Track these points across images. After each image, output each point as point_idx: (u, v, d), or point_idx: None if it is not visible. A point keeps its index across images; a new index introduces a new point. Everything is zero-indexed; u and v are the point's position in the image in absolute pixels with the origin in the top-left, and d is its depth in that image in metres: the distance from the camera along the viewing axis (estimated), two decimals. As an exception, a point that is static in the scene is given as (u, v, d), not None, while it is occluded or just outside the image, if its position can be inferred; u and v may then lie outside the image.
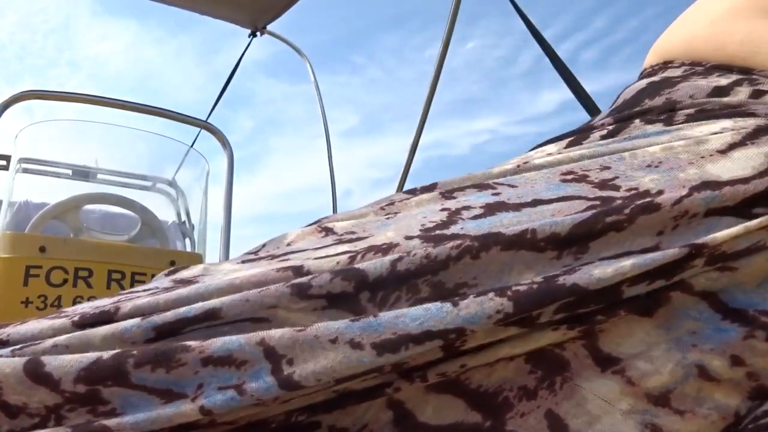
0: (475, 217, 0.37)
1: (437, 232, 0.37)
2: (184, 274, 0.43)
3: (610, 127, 0.44)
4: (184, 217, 2.29)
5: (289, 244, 0.43)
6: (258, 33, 2.74)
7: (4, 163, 2.19)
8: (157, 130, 2.13)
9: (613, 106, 0.49)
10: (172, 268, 0.45)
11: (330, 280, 0.33)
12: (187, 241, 2.21)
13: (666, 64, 0.47)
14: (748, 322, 0.32)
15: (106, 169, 2.13)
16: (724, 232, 0.32)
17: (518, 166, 0.42)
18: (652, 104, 0.44)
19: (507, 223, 0.36)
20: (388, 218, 0.41)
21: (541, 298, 0.31)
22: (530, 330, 0.32)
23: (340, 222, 0.44)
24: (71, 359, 0.31)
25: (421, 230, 0.37)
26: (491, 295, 0.31)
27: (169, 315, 0.33)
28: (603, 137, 0.43)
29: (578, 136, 0.45)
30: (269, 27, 2.71)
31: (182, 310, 0.33)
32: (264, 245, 0.46)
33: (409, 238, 0.36)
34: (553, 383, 0.34)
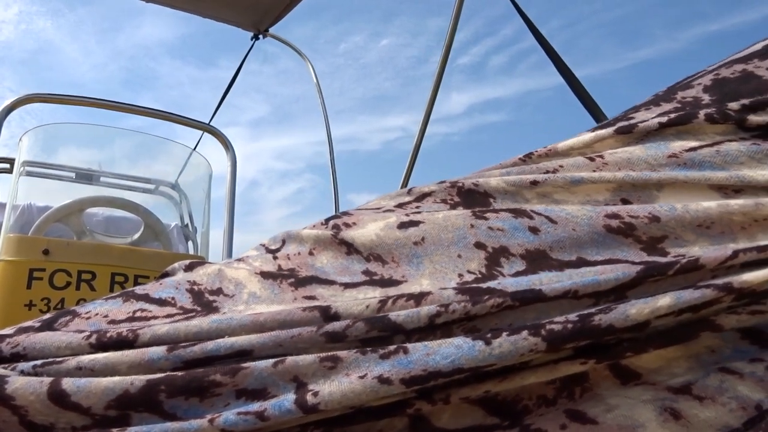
0: (516, 274, 0.38)
1: (474, 285, 0.37)
2: (202, 277, 0.43)
3: (672, 116, 0.42)
4: (186, 220, 2.29)
5: (311, 253, 0.43)
6: (260, 36, 2.75)
7: (7, 166, 2.19)
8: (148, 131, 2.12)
9: None
10: (187, 263, 0.45)
11: (366, 331, 0.34)
12: (190, 244, 2.21)
13: None
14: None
15: (110, 172, 2.13)
16: (757, 273, 0.32)
17: (560, 165, 0.42)
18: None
19: (546, 281, 0.36)
20: (416, 245, 0.41)
21: (575, 337, 0.32)
22: (557, 360, 0.33)
23: (360, 232, 0.43)
24: (98, 387, 0.32)
25: (458, 284, 0.38)
26: (525, 334, 0.32)
27: (197, 350, 0.34)
28: (662, 125, 0.42)
29: (634, 128, 0.43)
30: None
31: (210, 347, 0.34)
32: (284, 241, 0.45)
33: (444, 289, 0.37)
34: (572, 392, 0.35)
